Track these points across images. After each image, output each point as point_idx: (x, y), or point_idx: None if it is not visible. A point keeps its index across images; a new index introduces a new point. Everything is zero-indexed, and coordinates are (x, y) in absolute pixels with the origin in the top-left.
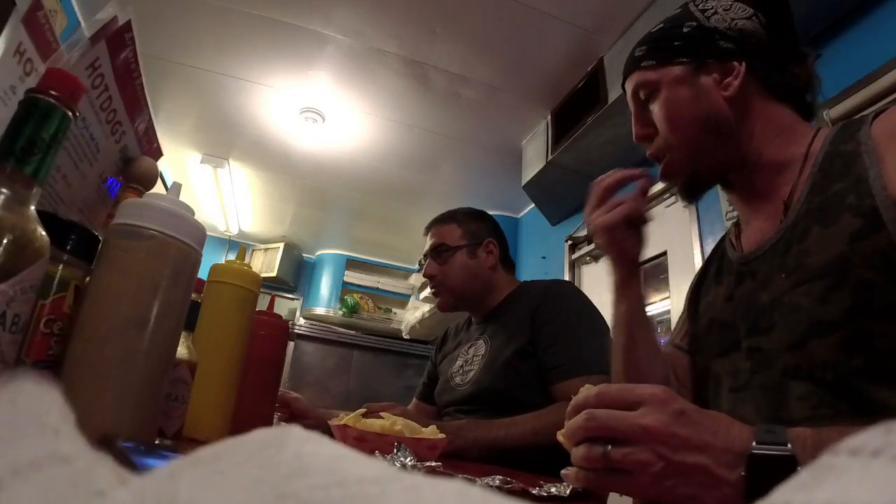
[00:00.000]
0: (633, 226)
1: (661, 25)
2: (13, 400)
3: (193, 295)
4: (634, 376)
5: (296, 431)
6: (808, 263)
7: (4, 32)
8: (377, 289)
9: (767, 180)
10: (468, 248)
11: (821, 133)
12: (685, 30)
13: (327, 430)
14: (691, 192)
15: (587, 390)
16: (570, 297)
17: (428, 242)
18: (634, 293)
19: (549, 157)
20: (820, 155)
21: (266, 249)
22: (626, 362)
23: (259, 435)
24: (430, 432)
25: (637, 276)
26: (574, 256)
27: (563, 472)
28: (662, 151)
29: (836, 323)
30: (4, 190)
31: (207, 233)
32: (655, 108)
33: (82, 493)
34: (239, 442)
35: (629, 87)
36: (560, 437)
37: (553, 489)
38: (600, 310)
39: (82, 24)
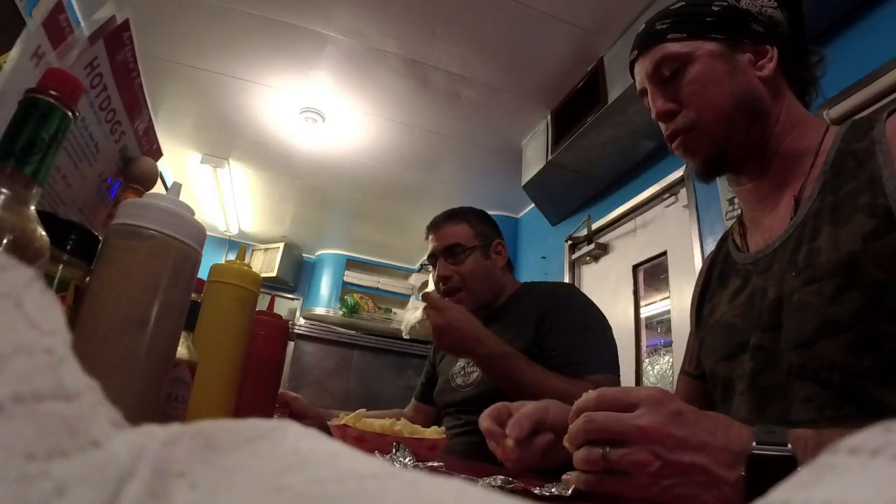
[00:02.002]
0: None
1: (683, 3)
2: (19, 300)
3: (193, 295)
4: None
5: (292, 426)
6: (819, 262)
7: (23, 35)
8: (377, 289)
9: (781, 170)
10: (481, 248)
11: (831, 130)
12: (715, 8)
13: (326, 430)
14: (711, 171)
15: (587, 395)
16: (577, 299)
17: (435, 242)
18: None
19: (549, 157)
20: (832, 152)
21: (266, 249)
22: None
23: (256, 424)
24: (431, 432)
25: None
26: (574, 256)
27: (563, 476)
28: (685, 127)
29: (846, 323)
30: (4, 190)
31: (207, 233)
32: (686, 82)
33: (79, 440)
34: (238, 426)
35: (649, 60)
36: (564, 441)
37: (554, 489)
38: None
39: (83, 24)
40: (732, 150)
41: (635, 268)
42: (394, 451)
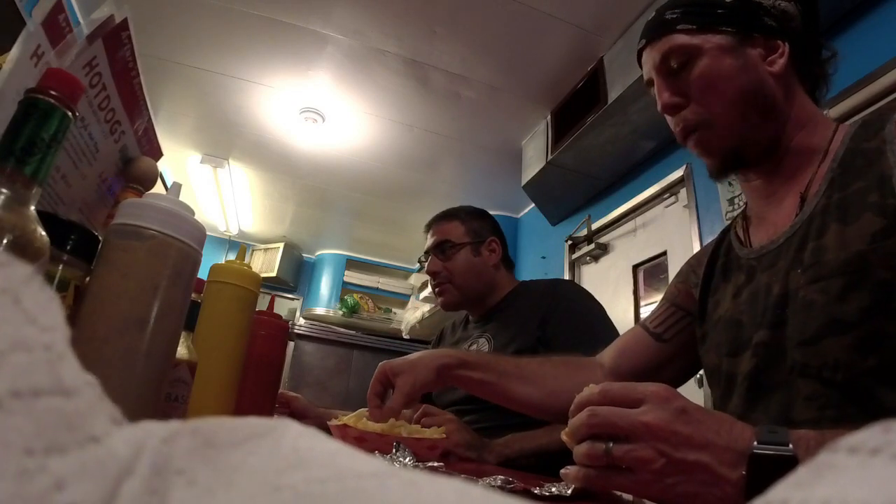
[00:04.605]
0: None
1: None
2: (17, 297)
3: (193, 295)
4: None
5: (291, 425)
6: (826, 260)
7: (22, 35)
8: (377, 289)
9: (791, 167)
10: (472, 245)
11: (841, 128)
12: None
13: (326, 430)
14: (725, 170)
15: (590, 389)
16: (579, 295)
17: (430, 239)
18: None
19: (549, 157)
20: (840, 150)
21: (266, 249)
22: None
23: (254, 422)
24: (431, 432)
25: None
26: (574, 256)
27: (562, 471)
28: (697, 123)
29: (852, 322)
30: (4, 190)
31: (207, 233)
32: (694, 76)
33: (78, 435)
34: (237, 424)
35: (657, 51)
36: (564, 435)
37: (554, 489)
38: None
39: (82, 23)
40: (749, 147)
41: (635, 268)
42: (394, 451)
